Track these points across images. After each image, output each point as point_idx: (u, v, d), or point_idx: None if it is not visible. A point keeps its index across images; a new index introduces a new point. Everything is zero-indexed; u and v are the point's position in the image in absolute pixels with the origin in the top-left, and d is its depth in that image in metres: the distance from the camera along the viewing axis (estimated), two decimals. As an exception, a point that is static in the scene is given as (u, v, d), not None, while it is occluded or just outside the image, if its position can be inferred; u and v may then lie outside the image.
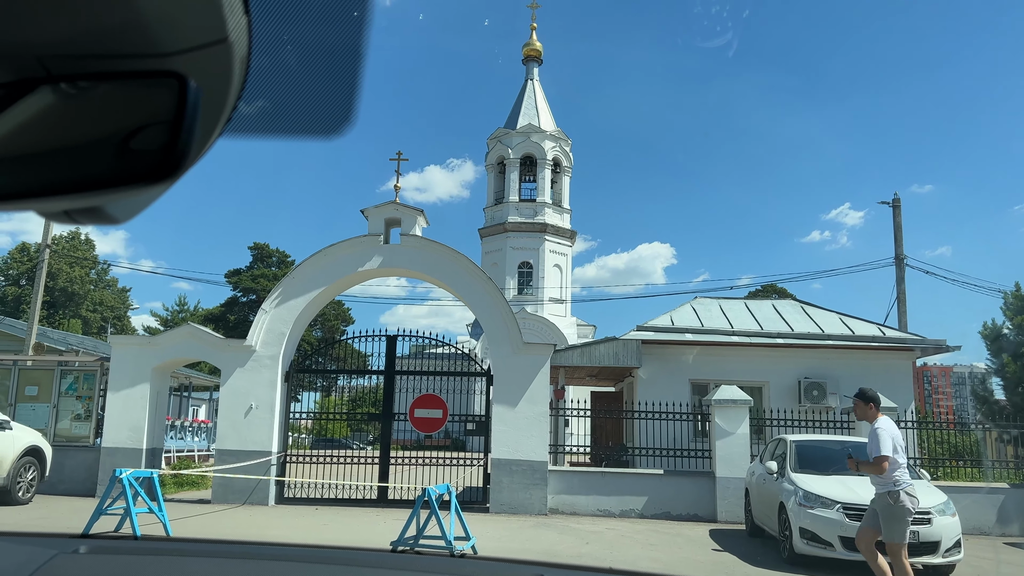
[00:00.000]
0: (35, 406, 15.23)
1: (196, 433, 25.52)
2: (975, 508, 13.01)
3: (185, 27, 0.67)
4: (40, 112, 0.69)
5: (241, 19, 0.69)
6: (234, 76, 0.72)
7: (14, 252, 54.56)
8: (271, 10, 0.73)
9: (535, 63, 50.42)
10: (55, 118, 0.70)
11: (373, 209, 15.03)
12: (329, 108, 0.81)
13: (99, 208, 0.74)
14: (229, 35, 0.68)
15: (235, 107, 0.76)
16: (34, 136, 0.70)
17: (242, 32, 0.70)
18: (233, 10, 0.67)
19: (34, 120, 0.69)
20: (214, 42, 0.68)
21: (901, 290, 23.58)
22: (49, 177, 0.70)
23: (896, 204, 24.46)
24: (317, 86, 0.80)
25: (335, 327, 53.31)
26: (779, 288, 45.08)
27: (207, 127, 0.75)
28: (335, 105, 0.81)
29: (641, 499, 13.96)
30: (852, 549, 8.91)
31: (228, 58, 0.70)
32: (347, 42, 0.77)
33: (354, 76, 0.78)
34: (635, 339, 16.81)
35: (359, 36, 0.76)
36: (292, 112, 0.82)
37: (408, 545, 8.85)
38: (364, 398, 39.67)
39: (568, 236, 48.37)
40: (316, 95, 0.81)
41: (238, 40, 0.70)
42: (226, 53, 0.70)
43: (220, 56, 0.70)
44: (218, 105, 0.74)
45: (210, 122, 0.75)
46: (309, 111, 0.82)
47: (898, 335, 18.35)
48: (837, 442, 11.69)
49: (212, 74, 0.71)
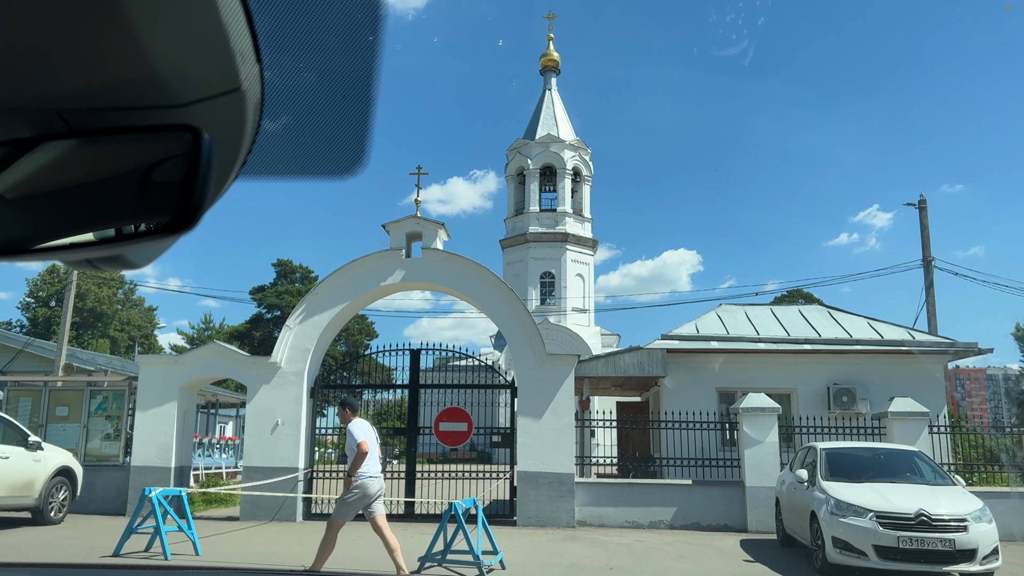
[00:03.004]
0: (65, 426, 15.43)
1: (224, 450, 25.69)
2: (1013, 514, 12.75)
3: (199, 78, 0.67)
4: (61, 162, 0.70)
5: (254, 67, 0.69)
6: (248, 122, 0.73)
7: (44, 274, 55.44)
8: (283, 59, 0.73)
9: (553, 73, 50.49)
10: (73, 169, 0.70)
11: (394, 224, 15.10)
12: (341, 150, 0.81)
13: (120, 256, 0.74)
14: (242, 84, 0.69)
15: (250, 151, 0.76)
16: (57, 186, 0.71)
17: (255, 80, 0.70)
18: (245, 60, 0.67)
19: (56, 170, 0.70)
20: (228, 91, 0.69)
21: (930, 293, 23.23)
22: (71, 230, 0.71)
23: (922, 206, 24.12)
24: (329, 129, 0.80)
25: (359, 341, 53.53)
26: (806, 293, 44.63)
27: (223, 172, 0.75)
28: (347, 147, 0.80)
29: (670, 510, 13.83)
30: (887, 558, 8.77)
31: (242, 106, 0.71)
32: (358, 86, 0.77)
33: (365, 118, 0.78)
34: (660, 348, 16.69)
35: (369, 81, 0.75)
36: (305, 155, 0.82)
37: (435, 561, 8.84)
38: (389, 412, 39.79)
39: (590, 245, 48.26)
40: (328, 138, 0.81)
41: (251, 88, 0.70)
42: (240, 101, 0.70)
43: (234, 104, 0.70)
44: (233, 150, 0.75)
45: (226, 167, 0.75)
46: (322, 154, 0.82)
47: (928, 338, 18.06)
48: (868, 449, 11.52)
49: (227, 121, 0.71)
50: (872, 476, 10.18)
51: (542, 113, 48.79)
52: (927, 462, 10.82)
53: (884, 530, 8.82)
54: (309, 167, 0.82)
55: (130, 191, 0.70)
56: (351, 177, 0.81)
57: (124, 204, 0.70)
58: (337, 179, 0.82)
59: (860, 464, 10.58)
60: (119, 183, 0.70)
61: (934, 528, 8.76)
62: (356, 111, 0.77)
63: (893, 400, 14.18)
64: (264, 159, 0.79)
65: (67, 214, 0.71)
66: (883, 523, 8.86)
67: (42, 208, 0.71)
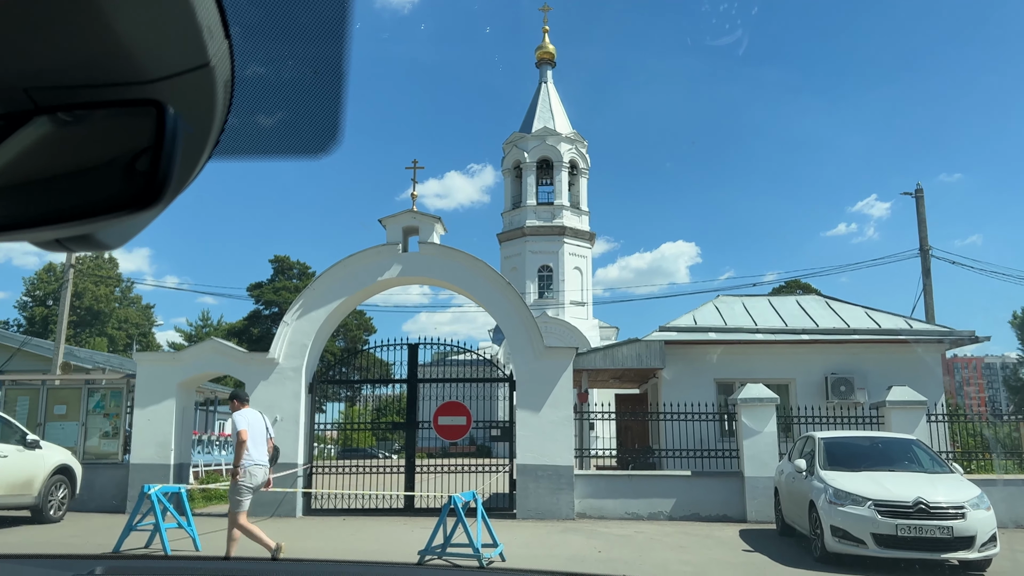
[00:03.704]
0: (64, 425, 15.42)
1: (223, 447, 25.71)
2: (1011, 501, 12.79)
3: (166, 54, 0.67)
4: (30, 143, 0.70)
5: (222, 43, 0.68)
6: (218, 99, 0.72)
7: (41, 273, 55.39)
8: (252, 33, 0.72)
9: (548, 66, 50.40)
10: (44, 149, 0.70)
11: (390, 218, 15.08)
12: (315, 127, 0.80)
13: (90, 235, 0.73)
14: (211, 60, 0.68)
15: (222, 130, 0.75)
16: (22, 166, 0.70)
17: (224, 56, 0.69)
18: (213, 35, 0.66)
19: (24, 151, 0.70)
20: (196, 67, 0.68)
21: (927, 282, 23.26)
22: (38, 207, 0.70)
23: (919, 195, 24.12)
24: (302, 105, 0.79)
25: (357, 337, 53.53)
26: (803, 284, 44.69)
27: (195, 150, 0.74)
28: (321, 123, 0.79)
29: (669, 501, 13.86)
30: (886, 546, 8.79)
31: (211, 82, 0.70)
32: (328, 61, 0.76)
33: (337, 94, 0.77)
34: (658, 340, 16.70)
35: (340, 54, 0.75)
36: (279, 132, 0.81)
37: (436, 554, 8.85)
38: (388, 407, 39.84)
39: (587, 238, 48.26)
40: (301, 114, 0.80)
41: (220, 64, 0.69)
42: (209, 77, 0.69)
43: (203, 81, 0.69)
44: (204, 128, 0.74)
45: (198, 145, 0.74)
46: (295, 130, 0.81)
47: (925, 327, 18.08)
48: (866, 438, 11.54)
49: (196, 98, 0.71)
50: (870, 465, 10.20)
51: (538, 106, 48.73)
52: (925, 450, 10.85)
53: (882, 518, 8.84)
54: (283, 146, 0.81)
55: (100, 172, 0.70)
56: (325, 155, 0.81)
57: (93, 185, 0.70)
58: (312, 157, 0.81)
59: (858, 453, 10.60)
60: (86, 175, 0.70)
61: (932, 516, 8.78)
62: (328, 86, 0.76)
63: (891, 389, 14.20)
64: (237, 138, 0.78)
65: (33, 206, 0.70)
66: (881, 511, 8.88)
67: (11, 193, 0.70)
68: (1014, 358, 66.03)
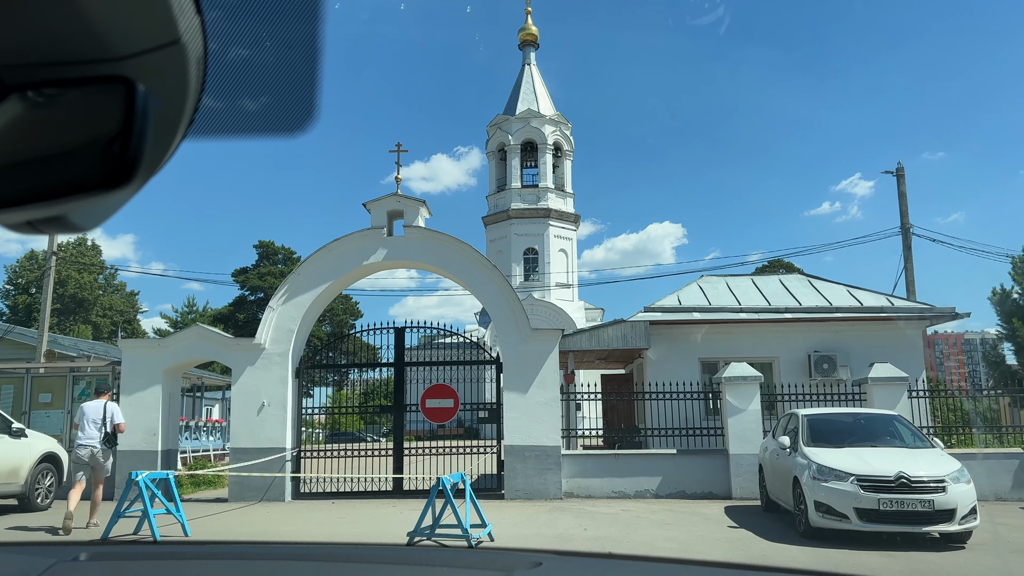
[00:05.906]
0: (49, 413, 15.35)
1: (210, 433, 25.67)
2: (991, 474, 13.00)
3: (136, 30, 0.66)
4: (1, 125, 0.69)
5: (194, 19, 0.68)
6: (191, 77, 0.72)
7: (23, 260, 54.72)
8: (225, 9, 0.72)
9: (532, 48, 50.15)
10: (15, 130, 0.70)
11: (375, 202, 15.02)
12: (291, 104, 0.80)
13: (62, 217, 0.73)
14: (182, 36, 0.68)
15: (196, 108, 0.75)
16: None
17: (196, 33, 0.69)
18: (184, 11, 0.66)
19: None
20: (167, 44, 0.68)
21: (908, 259, 23.47)
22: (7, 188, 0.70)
23: (900, 173, 24.27)
24: (277, 83, 0.80)
25: (344, 321, 53.42)
26: (787, 263, 44.86)
27: (169, 129, 0.75)
28: (297, 101, 0.80)
29: (655, 479, 13.99)
30: (869, 520, 8.93)
31: (183, 59, 0.70)
32: (303, 36, 0.76)
33: (312, 70, 0.78)
34: (643, 320, 16.79)
35: (314, 30, 0.75)
36: (255, 110, 0.82)
37: (425, 535, 8.90)
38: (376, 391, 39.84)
39: (572, 220, 48.26)
40: (277, 92, 0.80)
41: (192, 41, 0.69)
42: (180, 54, 0.69)
43: (174, 57, 0.69)
44: (177, 106, 0.74)
45: (171, 124, 0.74)
46: (272, 108, 0.81)
47: (907, 304, 18.26)
48: (849, 414, 11.68)
49: (168, 76, 0.70)
50: (853, 441, 10.33)
51: (522, 88, 48.52)
52: (906, 426, 10.99)
53: (865, 493, 8.97)
54: (260, 124, 0.82)
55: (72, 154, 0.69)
56: (302, 133, 0.81)
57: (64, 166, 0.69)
58: (289, 136, 0.82)
59: (841, 429, 10.73)
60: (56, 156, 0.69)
61: (913, 490, 8.92)
62: (303, 62, 0.77)
63: (873, 366, 14.35)
64: (212, 117, 0.78)
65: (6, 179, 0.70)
66: (864, 486, 9.01)
67: None
68: (993, 334, 66.76)
